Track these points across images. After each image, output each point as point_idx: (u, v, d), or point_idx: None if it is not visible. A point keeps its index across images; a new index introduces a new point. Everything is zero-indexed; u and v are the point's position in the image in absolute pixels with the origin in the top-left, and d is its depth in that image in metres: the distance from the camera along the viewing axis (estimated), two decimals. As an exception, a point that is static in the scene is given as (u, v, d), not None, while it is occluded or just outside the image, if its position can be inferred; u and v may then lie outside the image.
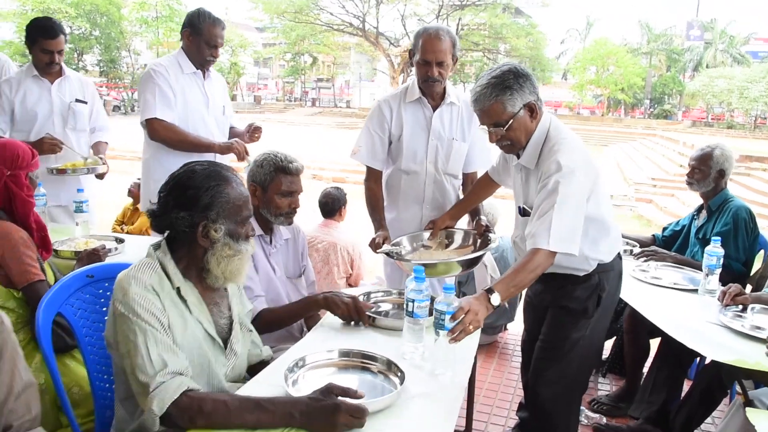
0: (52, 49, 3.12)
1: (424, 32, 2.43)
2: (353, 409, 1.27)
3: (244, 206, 1.55)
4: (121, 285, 1.42)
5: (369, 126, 2.65)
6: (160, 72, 2.89)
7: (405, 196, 2.68)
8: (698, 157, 2.93)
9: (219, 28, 2.96)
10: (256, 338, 1.78)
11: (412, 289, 1.59)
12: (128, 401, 1.51)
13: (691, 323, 2.18)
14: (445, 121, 2.60)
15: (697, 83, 33.32)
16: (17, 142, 2.31)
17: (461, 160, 2.68)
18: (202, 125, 3.00)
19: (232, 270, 1.52)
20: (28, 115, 3.17)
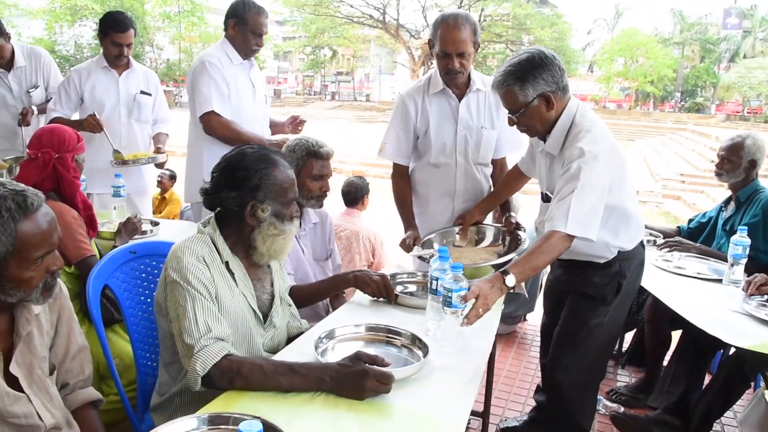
0: (122, 42, 3.21)
1: (442, 21, 2.36)
2: (380, 375, 1.35)
3: (290, 188, 1.65)
4: (176, 254, 1.53)
5: (393, 122, 2.61)
6: (214, 63, 2.91)
7: (436, 190, 2.64)
8: (728, 147, 2.88)
9: (263, 17, 2.98)
10: (294, 312, 1.89)
11: (436, 268, 1.66)
12: (172, 366, 1.63)
13: (714, 312, 2.18)
14: (473, 109, 2.55)
15: (733, 74, 32.33)
16: (64, 128, 2.46)
17: (491, 148, 2.63)
18: (251, 116, 3.03)
19: (276, 248, 1.62)
20: (96, 104, 3.27)
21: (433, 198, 2.64)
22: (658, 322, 2.95)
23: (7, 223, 1.17)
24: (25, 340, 1.32)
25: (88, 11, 28.63)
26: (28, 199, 1.20)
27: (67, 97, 3.29)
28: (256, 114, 3.07)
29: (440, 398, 1.39)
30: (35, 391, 1.32)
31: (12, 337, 1.30)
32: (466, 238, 2.53)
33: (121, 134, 3.33)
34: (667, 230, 3.26)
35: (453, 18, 2.35)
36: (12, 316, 1.31)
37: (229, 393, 1.38)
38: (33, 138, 2.37)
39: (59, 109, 3.29)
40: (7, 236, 1.17)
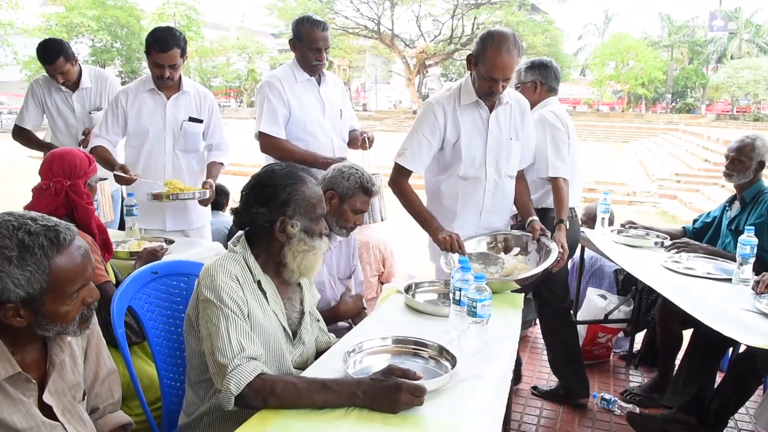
0: (163, 63, 2.93)
1: (494, 45, 2.30)
2: (413, 388, 1.36)
3: (318, 204, 1.67)
4: (209, 272, 1.55)
5: (418, 129, 2.53)
6: (273, 84, 2.88)
7: (464, 204, 2.59)
8: (738, 148, 2.92)
9: (319, 31, 2.85)
10: (323, 326, 1.91)
11: (459, 278, 1.68)
12: (199, 385, 1.63)
13: (725, 311, 2.20)
14: (501, 121, 2.57)
15: (722, 75, 32.74)
16: (75, 151, 2.43)
17: (518, 160, 2.66)
18: (319, 130, 2.96)
19: (306, 265, 1.64)
20: (139, 131, 3.06)
21: (460, 212, 2.60)
22: (668, 322, 2.98)
23: (41, 260, 1.16)
24: (58, 369, 1.32)
25: (84, 28, 28.79)
26: (60, 234, 1.19)
27: (114, 121, 3.06)
28: (326, 129, 2.99)
29: (471, 408, 1.40)
30: (69, 419, 1.33)
31: (45, 366, 1.31)
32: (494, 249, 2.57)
33: (165, 165, 3.07)
34: (673, 231, 3.30)
35: (505, 44, 2.30)
36: (45, 344, 1.32)
37: (263, 411, 1.38)
38: (44, 164, 2.32)
39: (104, 135, 3.06)
40: (41, 273, 1.16)
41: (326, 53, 2.91)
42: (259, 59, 38.42)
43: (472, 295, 1.60)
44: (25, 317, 1.19)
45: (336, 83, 3.14)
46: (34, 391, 1.27)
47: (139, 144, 3.07)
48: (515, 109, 2.60)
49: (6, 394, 1.22)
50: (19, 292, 1.15)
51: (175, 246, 2.75)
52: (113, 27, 30.18)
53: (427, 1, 32.30)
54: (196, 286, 1.58)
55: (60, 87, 3.49)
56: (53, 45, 3.38)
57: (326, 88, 3.03)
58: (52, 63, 3.34)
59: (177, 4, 31.83)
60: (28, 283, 1.15)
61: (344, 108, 3.13)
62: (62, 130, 3.57)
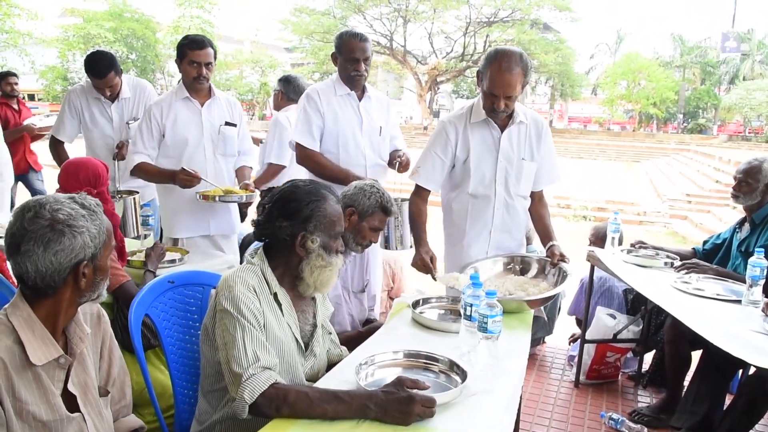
0: (200, 61, 2.96)
1: (494, 62, 2.36)
2: (426, 399, 1.38)
3: (338, 222, 1.72)
4: (228, 283, 1.58)
5: (431, 147, 2.61)
6: (311, 96, 2.88)
7: (473, 222, 2.63)
8: (745, 170, 2.95)
9: (357, 41, 2.82)
10: (335, 339, 1.94)
11: (470, 294, 1.71)
12: (212, 394, 1.67)
13: (735, 332, 2.20)
14: (514, 141, 2.58)
15: (734, 96, 32.65)
16: (93, 160, 2.52)
17: (531, 180, 2.66)
18: (352, 145, 2.90)
19: (322, 280, 1.68)
20: (178, 140, 3.02)
21: (469, 229, 2.65)
22: (678, 342, 2.97)
23: (100, 216, 1.33)
24: (79, 359, 1.37)
25: (100, 39, 29.23)
26: (97, 201, 1.36)
27: (150, 136, 3.00)
28: (360, 145, 2.91)
29: (481, 422, 1.42)
30: (89, 411, 1.37)
31: None
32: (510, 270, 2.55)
33: (206, 171, 3.01)
34: (682, 252, 3.30)
35: (506, 60, 2.33)
36: (65, 337, 1.37)
37: (276, 421, 1.41)
38: (67, 174, 2.40)
39: (141, 151, 2.99)
40: (102, 227, 1.33)
41: (366, 65, 2.86)
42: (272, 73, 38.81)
43: (483, 311, 1.63)
44: (88, 276, 1.31)
45: (380, 100, 3.07)
46: (61, 380, 1.33)
47: (179, 153, 3.02)
48: (531, 129, 2.62)
49: (39, 381, 1.27)
50: (92, 247, 1.30)
51: (191, 257, 2.80)
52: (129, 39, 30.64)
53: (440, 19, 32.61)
54: (214, 296, 1.62)
55: (99, 97, 3.45)
56: (104, 59, 3.33)
57: (368, 103, 2.97)
58: (103, 77, 3.30)
59: (192, 18, 32.32)
60: (98, 236, 1.31)
61: (387, 126, 3.04)
62: (98, 141, 3.52)
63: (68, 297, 1.31)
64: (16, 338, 1.24)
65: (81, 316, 1.41)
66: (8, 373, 1.22)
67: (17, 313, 1.27)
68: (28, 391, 1.25)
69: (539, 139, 2.62)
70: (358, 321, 2.46)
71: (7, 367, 1.22)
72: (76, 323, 1.38)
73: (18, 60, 27.37)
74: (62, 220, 1.25)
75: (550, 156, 2.69)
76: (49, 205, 1.27)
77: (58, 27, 29.76)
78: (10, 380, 1.22)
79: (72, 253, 1.26)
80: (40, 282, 1.27)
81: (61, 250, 1.25)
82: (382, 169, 3.00)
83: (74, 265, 1.28)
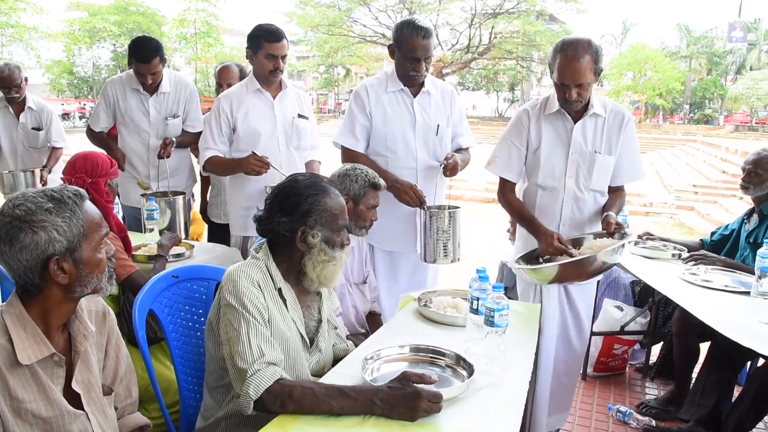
0: (277, 54, 2.85)
1: (561, 51, 2.27)
2: (432, 395, 1.37)
3: (340, 215, 1.69)
4: (232, 278, 1.57)
5: (507, 136, 2.55)
6: (358, 93, 2.75)
7: (540, 214, 2.52)
8: (754, 161, 2.92)
9: (419, 38, 2.58)
10: (342, 333, 1.93)
11: (477, 288, 1.69)
12: (217, 390, 1.66)
13: (744, 323, 2.19)
14: (588, 133, 2.46)
15: (740, 86, 32.43)
16: (98, 153, 2.56)
17: (607, 174, 2.50)
18: (402, 146, 2.72)
19: (326, 275, 1.66)
20: (250, 133, 2.91)
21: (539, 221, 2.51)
22: (686, 334, 2.96)
23: (73, 207, 1.27)
24: (83, 358, 1.36)
25: (106, 33, 29.28)
26: (78, 190, 1.32)
27: (219, 130, 2.91)
28: (411, 145, 2.72)
29: (489, 416, 1.41)
30: (93, 410, 1.36)
31: (71, 355, 1.35)
32: None
33: (280, 164, 2.87)
34: (690, 244, 3.28)
35: (573, 48, 2.26)
36: (69, 335, 1.36)
37: (282, 417, 1.40)
38: (68, 164, 2.43)
39: (212, 146, 2.91)
40: (77, 219, 1.27)
41: (427, 63, 2.64)
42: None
43: (490, 305, 1.61)
44: (68, 271, 1.26)
45: (443, 94, 2.81)
46: (61, 378, 1.31)
47: (252, 146, 2.87)
48: (612, 121, 2.48)
49: (36, 378, 1.26)
50: (62, 241, 1.25)
51: (196, 251, 2.79)
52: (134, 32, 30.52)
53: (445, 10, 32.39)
54: (219, 290, 1.61)
55: (137, 89, 3.32)
56: (151, 43, 3.22)
57: (425, 99, 2.75)
58: (149, 62, 3.17)
59: (198, 11, 32.23)
60: (69, 229, 1.25)
61: (447, 123, 2.80)
62: (132, 135, 3.38)
63: (55, 294, 1.28)
64: (9, 337, 1.23)
65: (85, 314, 1.40)
66: (1, 373, 1.21)
67: (11, 311, 1.27)
68: (24, 390, 1.24)
69: (619, 133, 2.48)
70: (362, 313, 2.45)
71: (0, 367, 1.21)
72: (79, 321, 1.37)
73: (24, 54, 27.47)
74: (19, 216, 1.22)
75: (631, 151, 2.54)
76: (12, 202, 1.25)
77: (64, 21, 29.80)
78: (4, 380, 1.22)
79: (37, 249, 1.23)
80: (19, 280, 1.26)
81: (25, 247, 1.22)
82: (436, 172, 2.74)
83: (44, 260, 1.24)
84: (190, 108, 3.46)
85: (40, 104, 4.13)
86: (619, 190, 2.60)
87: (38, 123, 4.08)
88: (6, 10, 25.76)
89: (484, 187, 11.44)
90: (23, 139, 4.09)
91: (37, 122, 4.08)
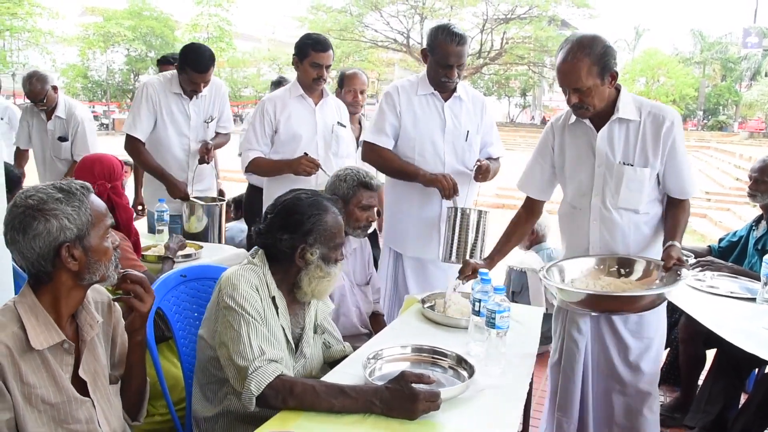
0: (322, 63, 2.93)
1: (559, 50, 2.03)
2: (429, 395, 1.39)
3: (338, 234, 1.73)
4: (231, 281, 1.61)
5: (534, 152, 2.36)
6: (390, 94, 2.72)
7: (570, 238, 2.27)
8: (760, 168, 2.91)
9: (453, 45, 2.53)
10: (338, 336, 1.96)
11: (479, 290, 1.72)
12: (208, 387, 1.70)
13: (750, 330, 2.17)
14: (616, 141, 2.10)
15: (755, 92, 32.15)
16: (109, 156, 2.57)
17: (640, 190, 2.10)
18: (430, 150, 2.68)
19: (320, 289, 1.71)
20: (291, 137, 2.97)
21: (567, 247, 2.30)
22: (692, 341, 2.95)
23: (81, 198, 1.34)
24: (89, 347, 1.41)
25: (120, 38, 29.68)
26: (84, 184, 1.39)
27: (263, 132, 2.95)
28: (439, 149, 2.68)
29: (488, 417, 1.43)
30: (98, 398, 1.41)
31: (78, 344, 1.40)
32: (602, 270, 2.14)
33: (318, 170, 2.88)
34: (698, 249, 3.27)
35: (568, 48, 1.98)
36: (77, 325, 1.41)
37: (284, 413, 1.43)
38: (82, 169, 2.44)
39: (255, 147, 2.96)
40: (84, 208, 1.33)
41: (459, 70, 2.60)
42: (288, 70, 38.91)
43: (491, 307, 1.63)
44: (78, 258, 1.32)
45: (475, 101, 2.77)
46: (70, 365, 1.37)
47: (291, 151, 2.94)
48: (647, 127, 2.09)
49: (47, 364, 1.31)
50: (72, 229, 1.31)
51: (203, 251, 2.83)
52: (148, 37, 30.97)
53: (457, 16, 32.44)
54: (216, 292, 1.65)
55: (178, 93, 3.29)
56: (207, 53, 3.20)
57: (456, 104, 2.71)
58: (206, 72, 3.18)
59: (210, 16, 32.58)
60: (78, 217, 1.32)
61: (477, 130, 2.76)
62: (172, 139, 3.31)
63: (66, 281, 1.34)
64: (22, 325, 1.29)
65: (92, 306, 1.44)
66: (14, 359, 1.26)
67: (23, 300, 1.32)
68: (35, 375, 1.29)
69: (657, 140, 2.08)
70: (365, 313, 2.48)
71: (13, 353, 1.26)
72: (86, 311, 1.42)
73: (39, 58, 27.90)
74: (32, 205, 1.29)
75: (675, 163, 2.12)
76: (24, 194, 1.32)
77: (79, 25, 30.22)
78: (16, 365, 1.27)
79: (50, 236, 1.29)
80: (32, 268, 1.32)
81: (38, 234, 1.28)
82: (465, 178, 2.68)
83: (56, 247, 1.30)
84: (223, 109, 3.47)
85: (70, 113, 3.95)
86: (679, 207, 2.15)
87: (65, 132, 3.95)
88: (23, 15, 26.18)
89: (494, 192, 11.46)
90: (50, 148, 3.99)
91: (63, 131, 3.95)
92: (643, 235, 2.17)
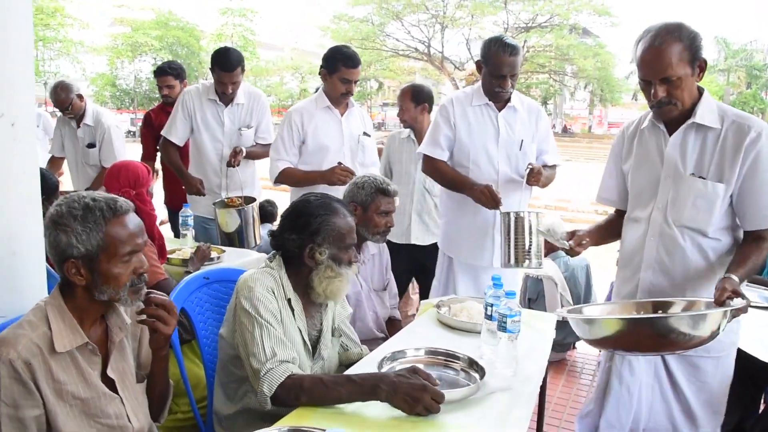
0: (351, 79, 3.00)
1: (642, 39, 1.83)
2: (435, 393, 1.43)
3: (348, 235, 1.78)
4: (247, 284, 1.68)
5: (606, 162, 2.23)
6: (444, 106, 2.76)
7: (625, 253, 2.09)
8: None
9: (506, 55, 2.55)
10: (356, 338, 2.02)
11: (491, 294, 1.76)
12: (228, 385, 1.77)
13: (766, 339, 2.20)
14: (689, 149, 1.88)
15: (782, 100, 31.61)
16: (136, 163, 2.66)
17: (709, 210, 1.86)
18: (484, 159, 2.71)
19: (332, 289, 1.75)
20: (319, 147, 3.03)
21: (621, 263, 2.13)
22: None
23: (99, 220, 1.35)
24: (118, 348, 1.48)
25: (147, 47, 30.43)
26: (118, 203, 1.40)
27: (291, 143, 3.02)
28: (493, 158, 2.70)
29: (497, 420, 1.47)
30: (127, 396, 1.48)
31: (107, 345, 1.47)
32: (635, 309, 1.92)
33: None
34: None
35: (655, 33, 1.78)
36: (106, 326, 1.48)
37: (300, 410, 1.49)
38: (110, 176, 2.53)
39: (284, 157, 3.02)
40: (98, 231, 1.35)
41: (513, 80, 2.62)
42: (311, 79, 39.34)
43: (502, 311, 1.67)
44: (84, 276, 1.36)
45: (530, 110, 2.79)
46: (98, 365, 1.43)
47: (319, 161, 3.01)
48: (729, 137, 1.82)
49: (76, 363, 1.38)
50: (79, 248, 1.34)
51: (226, 255, 2.92)
52: (174, 46, 31.62)
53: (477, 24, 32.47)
54: (235, 294, 1.72)
55: (214, 99, 3.39)
56: (235, 53, 3.32)
57: (510, 114, 2.73)
58: (232, 71, 3.25)
59: (235, 26, 33.17)
60: (87, 238, 1.34)
61: (529, 139, 2.75)
62: (207, 145, 3.43)
63: (81, 292, 1.38)
64: (50, 326, 1.36)
65: (122, 308, 1.50)
66: (44, 358, 1.33)
67: (53, 302, 1.39)
68: (65, 373, 1.36)
69: (737, 154, 1.80)
70: (381, 318, 2.53)
71: (43, 352, 1.33)
72: (116, 313, 1.49)
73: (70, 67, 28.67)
74: (52, 215, 1.35)
75: (755, 182, 1.81)
76: (61, 199, 1.38)
77: (108, 36, 31.02)
78: (47, 363, 1.33)
79: (58, 248, 1.34)
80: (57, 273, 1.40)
81: (51, 243, 1.36)
82: (518, 185, 2.71)
83: (62, 260, 1.35)
84: (261, 119, 3.52)
85: (98, 119, 4.02)
86: (753, 242, 1.85)
87: (93, 139, 4.02)
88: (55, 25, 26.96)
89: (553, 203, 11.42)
90: (81, 155, 4.08)
91: (91, 138, 4.02)
92: (709, 264, 1.90)
